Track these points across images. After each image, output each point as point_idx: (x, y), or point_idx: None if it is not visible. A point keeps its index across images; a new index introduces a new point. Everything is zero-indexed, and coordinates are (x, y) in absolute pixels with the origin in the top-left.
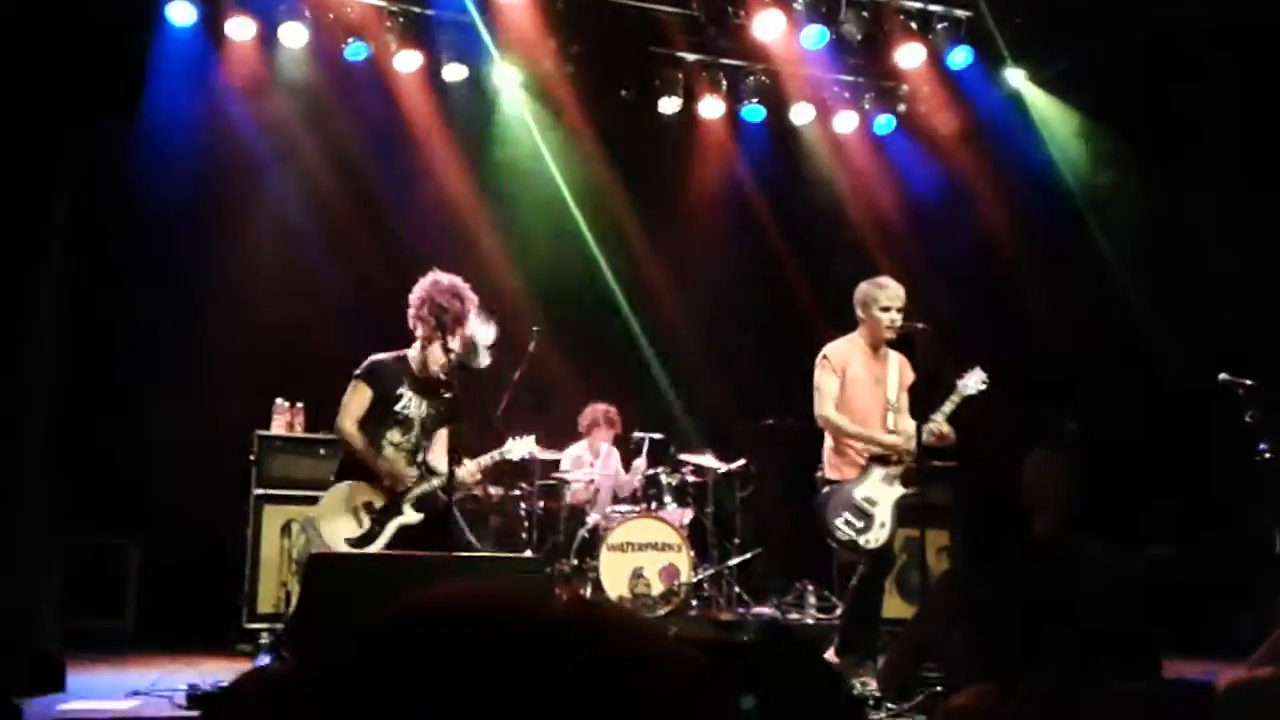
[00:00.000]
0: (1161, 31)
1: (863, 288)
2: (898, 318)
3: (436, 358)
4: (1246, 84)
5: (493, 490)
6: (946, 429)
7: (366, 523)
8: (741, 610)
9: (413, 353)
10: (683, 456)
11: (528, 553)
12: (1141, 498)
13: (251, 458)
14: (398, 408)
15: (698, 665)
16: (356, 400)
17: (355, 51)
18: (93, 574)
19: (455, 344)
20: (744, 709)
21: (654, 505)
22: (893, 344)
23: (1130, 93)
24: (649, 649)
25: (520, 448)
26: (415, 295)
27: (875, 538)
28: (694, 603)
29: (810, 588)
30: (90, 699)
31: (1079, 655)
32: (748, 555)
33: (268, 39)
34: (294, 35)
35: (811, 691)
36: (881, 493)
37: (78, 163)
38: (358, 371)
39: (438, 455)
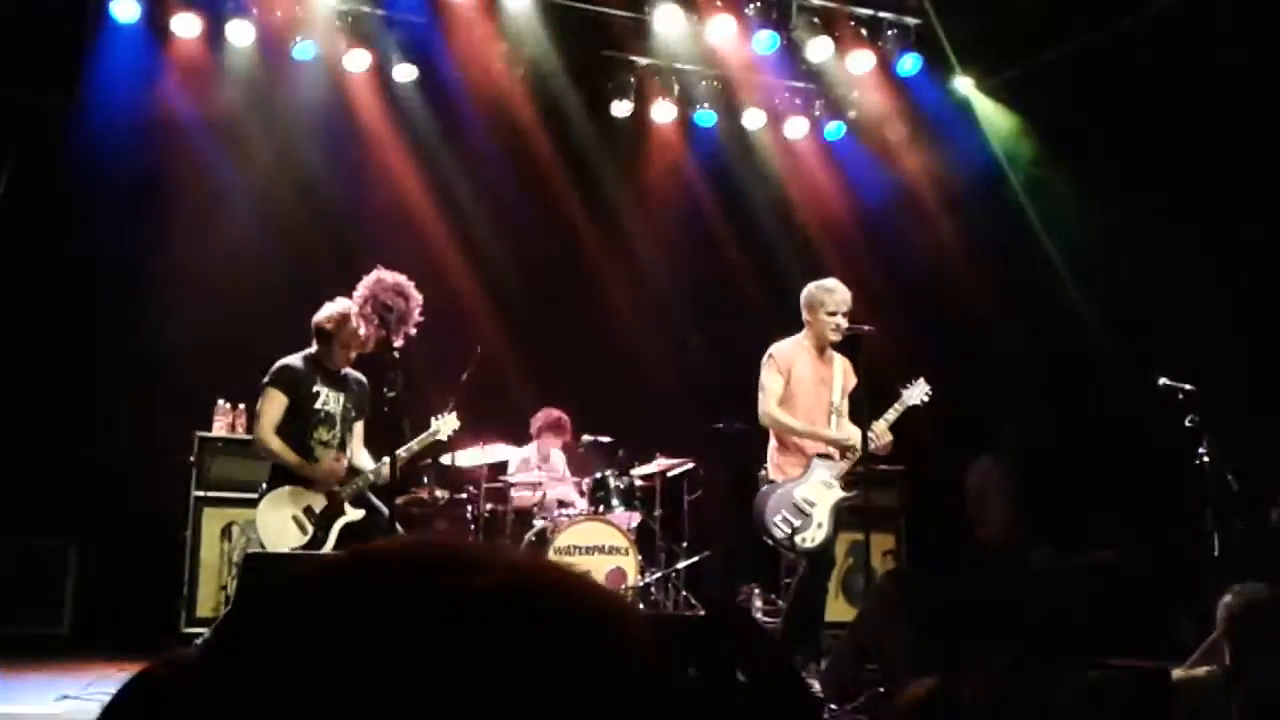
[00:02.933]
0: (1111, 41)
1: (810, 290)
2: (843, 321)
3: (349, 351)
4: (1193, 92)
5: (439, 493)
6: (887, 437)
7: (310, 528)
8: (688, 614)
9: (316, 349)
10: (630, 459)
11: None
12: (1083, 503)
13: (191, 459)
14: (317, 405)
15: (654, 630)
16: (272, 407)
17: (304, 50)
18: (28, 577)
19: (399, 342)
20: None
21: (601, 508)
22: (838, 346)
23: (1075, 101)
24: (604, 610)
25: (446, 425)
26: (359, 293)
27: (811, 537)
28: (641, 606)
29: (757, 591)
30: (19, 703)
31: (1023, 651)
32: (695, 559)
33: (214, 36)
34: (241, 33)
35: (757, 665)
36: (820, 494)
37: (14, 144)
38: (267, 379)
39: (357, 449)
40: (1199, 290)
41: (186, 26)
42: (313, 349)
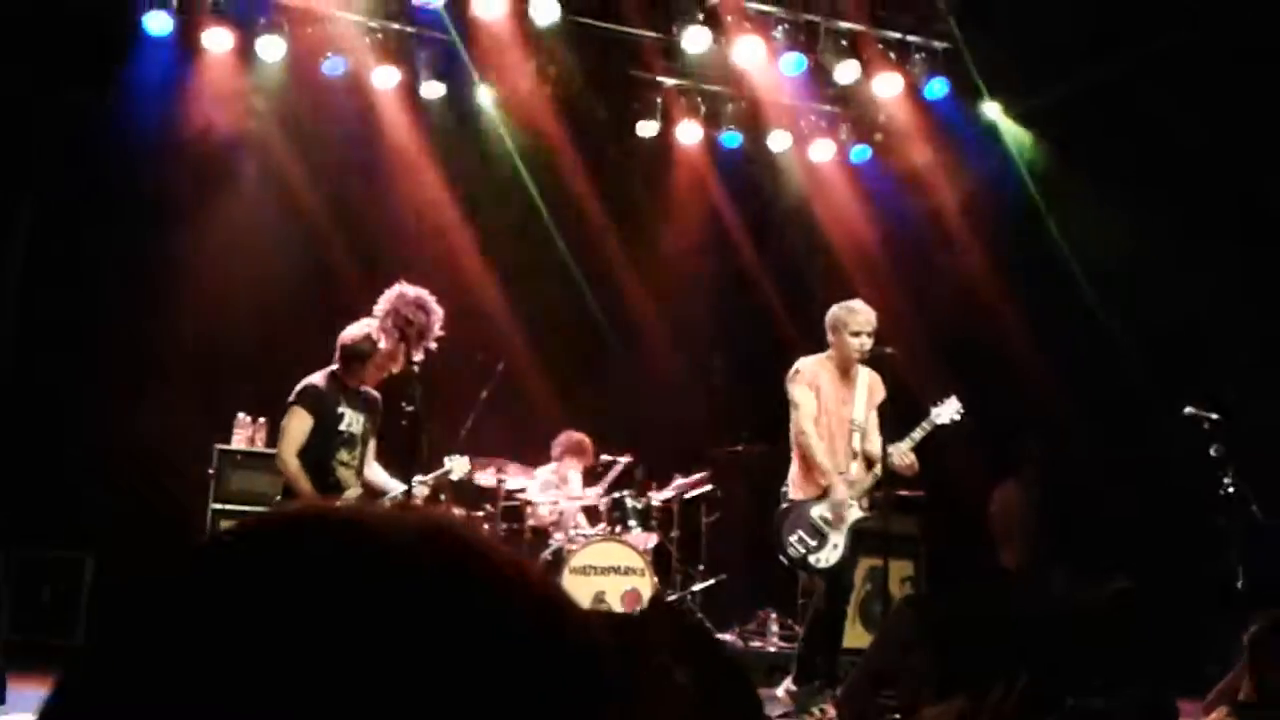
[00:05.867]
0: (1140, 67)
1: (834, 311)
2: (868, 342)
3: (375, 371)
4: (1222, 117)
5: (456, 512)
6: (911, 458)
7: None
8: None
9: (340, 368)
10: (648, 481)
11: None
12: (1107, 532)
13: (210, 471)
14: (341, 427)
15: (585, 614)
16: (297, 427)
17: (333, 66)
18: (45, 588)
19: (419, 356)
20: None
21: (618, 529)
22: (863, 364)
23: (1103, 127)
24: (527, 583)
25: (459, 467)
26: (380, 307)
27: (826, 558)
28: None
29: (774, 615)
30: (32, 712)
31: (1034, 681)
32: (711, 581)
33: (245, 51)
34: (271, 48)
35: (694, 663)
36: (838, 514)
37: (49, 140)
38: (294, 398)
39: (372, 467)
40: (1230, 316)
41: (217, 41)
42: (336, 367)
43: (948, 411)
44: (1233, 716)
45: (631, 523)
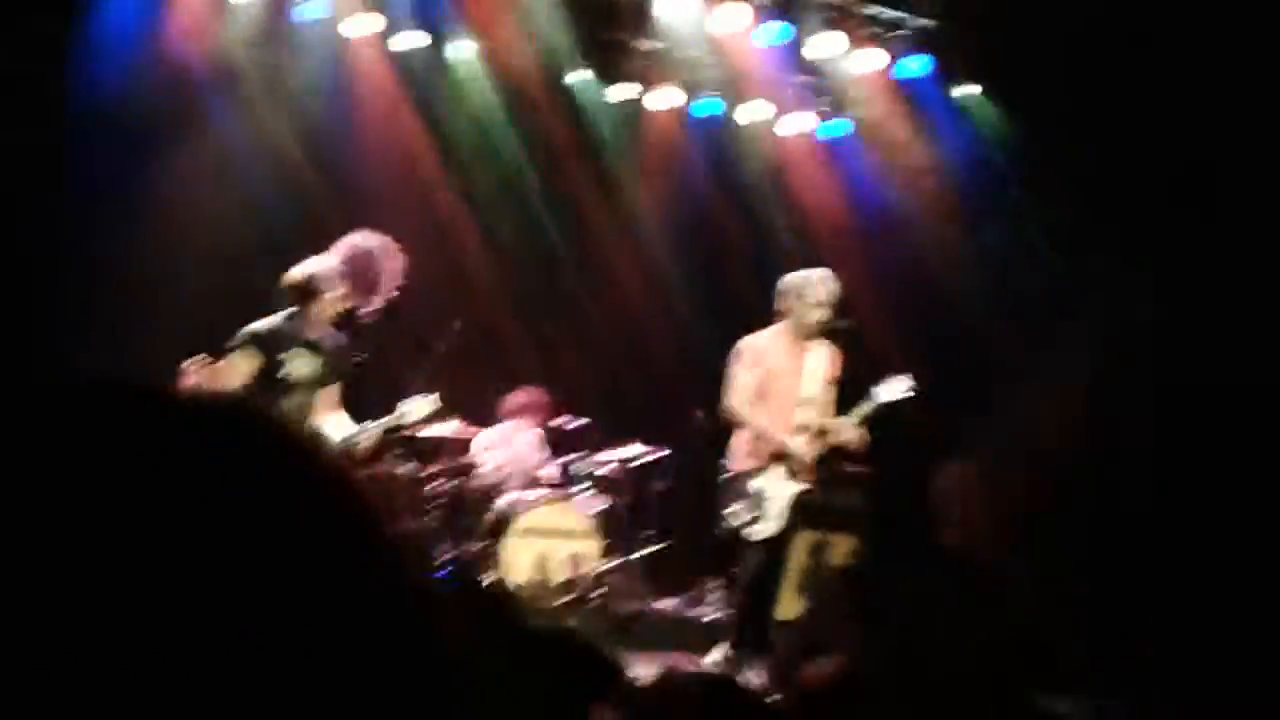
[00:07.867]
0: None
1: (793, 280)
2: (829, 314)
3: (326, 313)
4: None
5: (402, 469)
6: (855, 434)
7: None
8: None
9: (293, 310)
10: (603, 444)
11: None
12: (1061, 526)
13: None
14: (289, 371)
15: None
16: (244, 369)
17: (309, 10)
18: None
19: (376, 303)
20: None
21: (567, 492)
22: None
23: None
24: (320, 465)
25: (417, 409)
26: (339, 252)
27: (764, 530)
28: (596, 593)
29: (714, 583)
30: None
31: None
32: (656, 548)
33: None
34: None
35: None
36: (778, 487)
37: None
38: (242, 339)
39: (329, 415)
40: (1193, 309)
41: None
42: (289, 310)
43: (892, 390)
44: None
45: (580, 486)
